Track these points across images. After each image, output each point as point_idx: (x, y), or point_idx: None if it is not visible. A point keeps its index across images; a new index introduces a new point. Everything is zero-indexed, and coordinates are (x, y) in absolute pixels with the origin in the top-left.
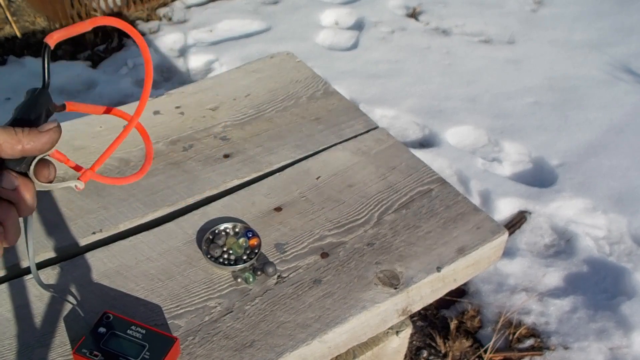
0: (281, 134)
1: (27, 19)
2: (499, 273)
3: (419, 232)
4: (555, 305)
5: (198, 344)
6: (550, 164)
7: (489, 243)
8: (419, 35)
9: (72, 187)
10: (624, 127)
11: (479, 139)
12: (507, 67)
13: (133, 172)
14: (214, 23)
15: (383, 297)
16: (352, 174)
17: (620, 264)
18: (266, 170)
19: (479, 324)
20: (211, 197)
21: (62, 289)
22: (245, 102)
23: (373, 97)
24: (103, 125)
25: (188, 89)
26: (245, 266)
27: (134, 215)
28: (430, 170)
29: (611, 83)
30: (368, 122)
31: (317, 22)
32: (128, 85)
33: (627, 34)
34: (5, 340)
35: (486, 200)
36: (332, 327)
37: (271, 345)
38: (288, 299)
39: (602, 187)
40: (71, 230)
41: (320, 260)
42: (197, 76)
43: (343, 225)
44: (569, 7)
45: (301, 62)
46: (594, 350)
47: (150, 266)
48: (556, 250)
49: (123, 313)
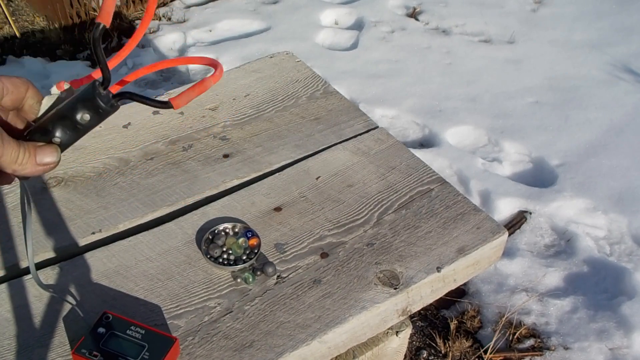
0: (281, 134)
1: (26, 19)
2: (499, 273)
3: (419, 232)
4: (555, 306)
5: (198, 344)
6: (550, 164)
7: (489, 243)
8: (419, 35)
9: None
10: (624, 127)
11: (479, 139)
12: (507, 67)
13: (133, 171)
14: (213, 23)
15: (383, 297)
16: (352, 174)
17: (620, 264)
18: (266, 170)
19: (479, 324)
20: (211, 197)
21: (61, 289)
22: (245, 102)
23: (373, 97)
24: (103, 125)
25: None
26: (244, 266)
27: (133, 215)
28: (430, 170)
29: (611, 83)
30: (368, 122)
31: (317, 22)
32: (128, 85)
33: (627, 33)
34: (5, 340)
35: (486, 200)
36: (332, 328)
37: (271, 345)
38: (288, 299)
39: (603, 187)
40: (70, 230)
41: (320, 261)
42: (196, 76)
43: (343, 225)
44: (569, 7)
45: (301, 62)
46: (594, 351)
47: (150, 266)
48: (556, 250)
49: (122, 313)
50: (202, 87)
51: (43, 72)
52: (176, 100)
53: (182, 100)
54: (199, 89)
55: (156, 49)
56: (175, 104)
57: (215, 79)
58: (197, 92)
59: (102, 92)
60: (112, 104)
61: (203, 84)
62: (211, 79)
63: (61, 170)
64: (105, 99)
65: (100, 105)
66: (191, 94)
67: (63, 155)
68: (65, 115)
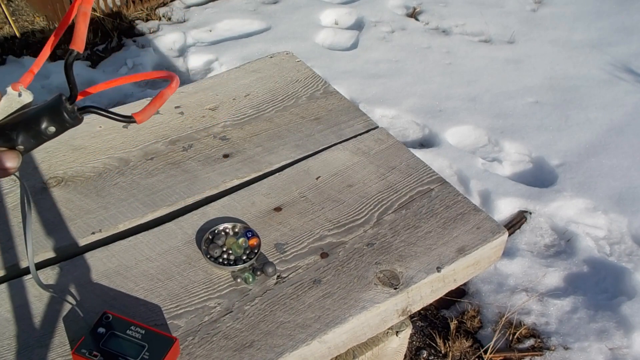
0: (281, 134)
1: (26, 19)
2: (499, 273)
3: (419, 232)
4: (555, 306)
5: (197, 344)
6: (550, 164)
7: (489, 243)
8: (419, 35)
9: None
10: (625, 127)
11: (479, 139)
12: (507, 67)
13: (133, 171)
14: (213, 23)
15: (383, 297)
16: (352, 174)
17: (620, 264)
18: (266, 170)
19: (479, 324)
20: (211, 197)
21: (61, 289)
22: (245, 102)
23: (373, 97)
24: (103, 125)
25: (188, 88)
26: (244, 266)
27: (133, 215)
28: (430, 170)
29: (612, 83)
30: (368, 122)
31: (317, 22)
32: (128, 85)
33: (627, 33)
34: (5, 340)
35: (486, 200)
36: (332, 328)
37: (271, 345)
38: (288, 299)
39: (603, 187)
40: (70, 230)
41: (320, 261)
42: (196, 76)
43: (343, 225)
44: (569, 6)
45: (301, 62)
46: (595, 351)
47: (150, 266)
48: (556, 250)
49: (122, 313)
50: (161, 99)
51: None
52: (139, 116)
53: (146, 115)
54: (159, 102)
55: (156, 49)
56: (139, 119)
57: (171, 91)
58: (158, 105)
59: (69, 107)
60: (77, 116)
61: (162, 97)
62: (168, 91)
63: (61, 170)
64: (72, 113)
65: (66, 119)
66: (152, 109)
67: (63, 155)
68: (30, 124)
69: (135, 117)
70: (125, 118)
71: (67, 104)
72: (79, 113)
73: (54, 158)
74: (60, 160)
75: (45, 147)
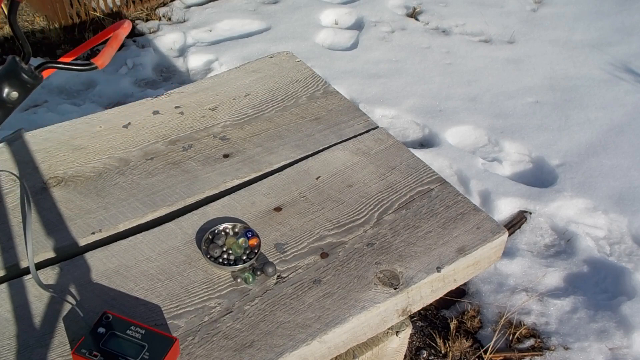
0: (281, 134)
1: (26, 19)
2: (499, 273)
3: (419, 232)
4: (555, 306)
5: (197, 344)
6: (550, 164)
7: (489, 243)
8: (419, 35)
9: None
10: (625, 126)
11: (479, 139)
12: (507, 67)
13: (133, 171)
14: (213, 23)
15: (383, 297)
16: (352, 174)
17: (620, 264)
18: (266, 170)
19: (479, 324)
20: (211, 197)
21: (61, 289)
22: (245, 102)
23: (373, 97)
24: (103, 125)
25: (188, 88)
26: (244, 266)
27: (133, 215)
28: (430, 170)
29: (612, 83)
30: (368, 122)
31: (317, 22)
32: (128, 85)
33: (627, 33)
34: (5, 340)
35: (486, 200)
36: (332, 327)
37: (271, 345)
38: (288, 299)
39: (603, 187)
40: (70, 230)
41: (320, 260)
42: (196, 76)
43: (343, 225)
44: (569, 6)
45: (301, 62)
46: (595, 351)
47: (150, 266)
48: (556, 250)
49: (122, 313)
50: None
51: None
52: (99, 60)
53: (105, 58)
54: (115, 43)
55: (156, 48)
56: (99, 63)
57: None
58: (115, 47)
59: (25, 67)
60: (36, 75)
61: (116, 38)
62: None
63: (61, 170)
64: (29, 72)
65: (25, 79)
66: (111, 51)
67: (63, 155)
68: None
69: (96, 62)
70: (85, 65)
71: (23, 64)
72: (37, 72)
73: (54, 158)
74: (60, 160)
75: (45, 147)
